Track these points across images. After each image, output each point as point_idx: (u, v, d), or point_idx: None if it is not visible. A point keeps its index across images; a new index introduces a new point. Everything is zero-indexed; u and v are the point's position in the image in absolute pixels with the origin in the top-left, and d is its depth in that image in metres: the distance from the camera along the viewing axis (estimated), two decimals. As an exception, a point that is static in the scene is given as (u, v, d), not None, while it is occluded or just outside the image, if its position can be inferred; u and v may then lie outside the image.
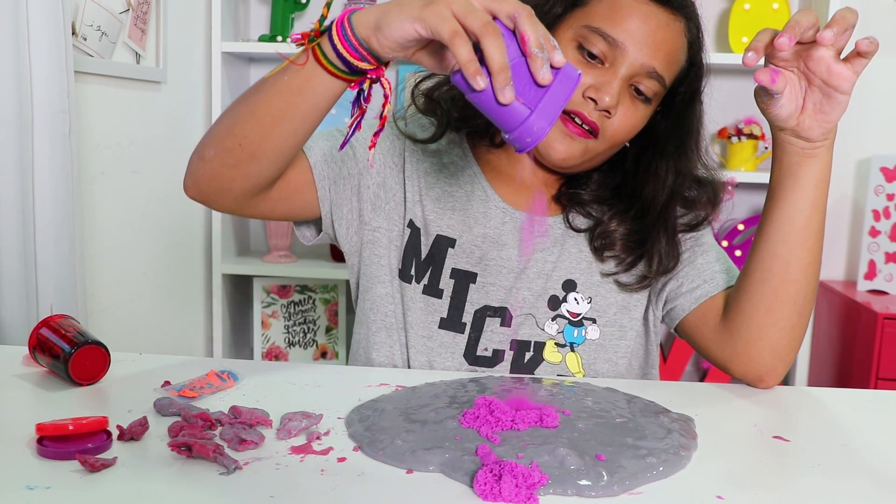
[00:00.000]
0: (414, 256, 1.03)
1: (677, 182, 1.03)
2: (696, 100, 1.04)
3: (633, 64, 0.95)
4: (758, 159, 2.27)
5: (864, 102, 2.32)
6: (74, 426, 0.67)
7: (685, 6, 0.99)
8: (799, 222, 0.90)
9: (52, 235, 1.54)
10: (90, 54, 1.79)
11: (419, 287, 1.02)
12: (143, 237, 2.08)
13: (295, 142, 0.86)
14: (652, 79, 0.96)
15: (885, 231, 2.21)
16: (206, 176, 0.90)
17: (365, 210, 1.03)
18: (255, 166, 0.87)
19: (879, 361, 2.00)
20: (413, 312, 1.02)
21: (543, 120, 0.70)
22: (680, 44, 0.98)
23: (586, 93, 0.95)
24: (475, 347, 1.01)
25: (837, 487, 0.65)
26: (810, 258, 0.91)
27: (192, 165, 0.91)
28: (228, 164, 0.87)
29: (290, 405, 0.79)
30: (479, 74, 0.68)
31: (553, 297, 1.01)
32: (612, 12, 0.95)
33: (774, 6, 2.18)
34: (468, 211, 1.04)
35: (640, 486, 0.63)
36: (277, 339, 2.46)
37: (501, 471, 0.61)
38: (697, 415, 0.79)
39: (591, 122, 0.95)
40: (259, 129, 0.84)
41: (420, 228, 1.03)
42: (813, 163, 0.88)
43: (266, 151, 0.85)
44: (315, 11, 2.40)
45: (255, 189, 0.90)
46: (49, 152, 1.52)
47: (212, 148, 0.88)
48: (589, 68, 0.95)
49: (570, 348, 1.01)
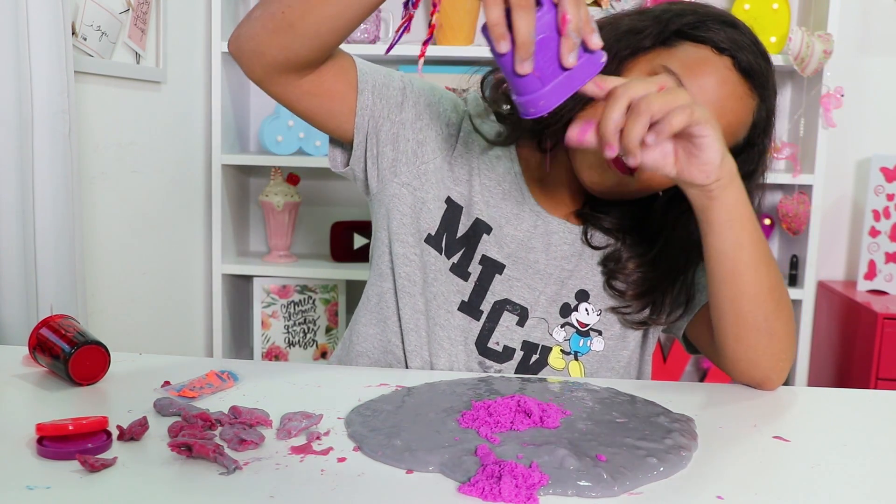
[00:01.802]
0: (446, 231, 1.02)
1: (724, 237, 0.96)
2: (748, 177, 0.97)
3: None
4: (758, 159, 2.27)
5: (864, 102, 2.32)
6: (74, 426, 0.67)
7: (765, 87, 0.96)
8: (728, 263, 0.86)
9: (52, 235, 1.54)
10: (90, 54, 1.79)
11: (448, 263, 1.01)
12: (143, 237, 2.08)
13: (334, 26, 0.86)
14: None
15: (885, 231, 2.21)
16: (246, 34, 0.91)
17: (399, 161, 1.01)
18: (290, 38, 0.87)
19: (879, 361, 2.00)
20: (440, 285, 1.01)
21: (554, 97, 0.72)
22: (745, 120, 0.95)
23: None
24: (487, 338, 1.01)
25: (837, 487, 0.65)
26: (756, 288, 0.87)
27: (241, 22, 0.92)
28: (268, 29, 0.88)
29: (290, 405, 0.79)
30: (503, 39, 0.70)
31: (565, 304, 1.01)
32: (694, 64, 0.93)
33: (774, 6, 2.18)
34: (503, 209, 1.03)
35: (640, 486, 0.63)
36: (277, 339, 2.46)
37: (501, 471, 0.61)
38: (697, 415, 0.79)
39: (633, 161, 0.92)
40: (304, 3, 0.85)
41: (462, 207, 1.02)
42: (716, 205, 0.83)
43: (305, 27, 0.86)
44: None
45: (286, 64, 0.90)
46: (49, 152, 1.52)
47: (260, 9, 0.89)
48: None
49: (573, 357, 1.01)
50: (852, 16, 2.28)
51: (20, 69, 1.46)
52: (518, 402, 0.75)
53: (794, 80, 2.32)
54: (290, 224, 2.41)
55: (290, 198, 2.38)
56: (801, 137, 2.27)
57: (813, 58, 2.05)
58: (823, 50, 2.05)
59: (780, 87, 2.37)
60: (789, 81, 2.37)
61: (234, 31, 0.93)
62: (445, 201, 1.02)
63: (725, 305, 0.89)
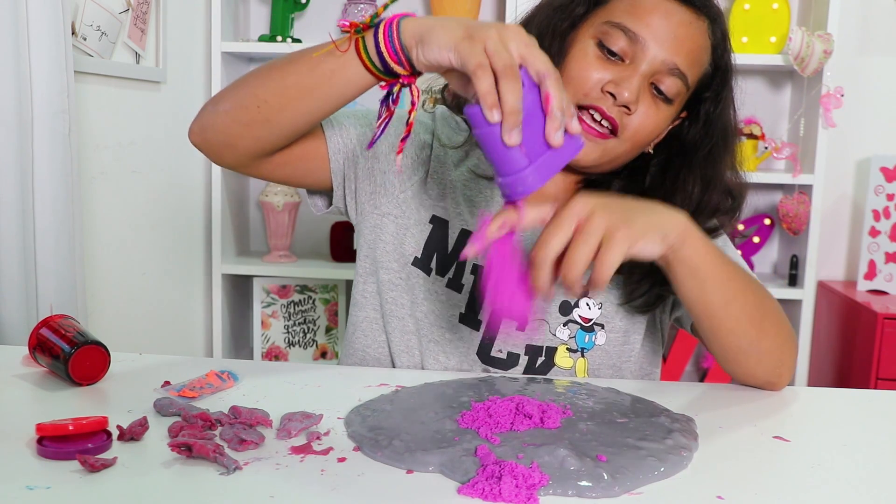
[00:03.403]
0: (436, 250, 1.02)
1: (705, 195, 1.00)
2: (725, 106, 1.01)
3: (654, 60, 0.94)
4: (758, 159, 2.27)
5: (864, 102, 2.32)
6: (74, 426, 0.67)
7: (708, 6, 0.97)
8: (699, 307, 0.85)
9: (52, 235, 1.54)
10: (90, 54, 1.79)
11: (443, 280, 1.01)
12: (143, 237, 2.08)
13: (310, 119, 0.87)
14: (673, 76, 0.95)
15: (885, 231, 2.21)
16: (215, 127, 0.91)
17: (378, 194, 1.03)
18: (266, 131, 0.88)
19: (879, 361, 2.00)
20: (431, 303, 1.01)
21: (539, 175, 0.71)
22: (703, 43, 0.96)
23: (605, 87, 0.93)
24: (490, 347, 1.00)
25: (837, 487, 0.65)
26: (734, 322, 0.86)
27: (204, 113, 0.92)
28: (241, 122, 0.88)
29: (290, 405, 0.79)
30: (495, 107, 0.69)
31: (564, 302, 1.01)
32: (634, 8, 0.94)
33: (774, 6, 2.18)
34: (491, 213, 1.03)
35: (640, 486, 0.63)
36: (277, 339, 2.46)
37: (501, 471, 0.61)
38: (698, 415, 0.79)
39: (609, 118, 0.94)
40: (281, 98, 0.85)
41: (448, 221, 1.03)
42: (676, 264, 0.81)
43: (281, 121, 0.87)
44: (315, 11, 2.40)
45: (260, 152, 0.91)
46: (49, 152, 1.52)
47: (229, 102, 0.89)
48: (609, 65, 0.94)
49: (580, 353, 1.01)
50: (852, 16, 2.28)
51: (20, 69, 1.46)
52: (517, 404, 0.75)
53: (794, 80, 2.32)
54: (290, 224, 2.41)
55: (290, 198, 2.38)
56: (801, 137, 2.27)
57: (813, 58, 2.05)
58: (823, 50, 2.05)
59: (781, 87, 2.38)
60: (789, 81, 2.37)
61: (195, 122, 0.92)
62: (430, 221, 1.03)
63: (708, 338, 0.89)
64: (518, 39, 0.72)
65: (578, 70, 0.95)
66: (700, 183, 1.00)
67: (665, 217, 0.79)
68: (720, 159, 1.02)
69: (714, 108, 1.01)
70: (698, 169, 1.00)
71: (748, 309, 0.87)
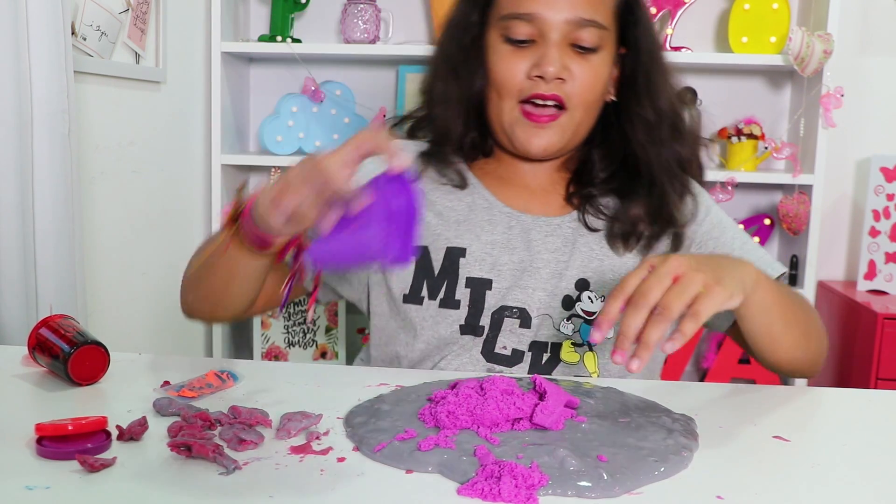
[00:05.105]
0: (425, 277, 1.03)
1: (660, 117, 1.03)
2: (643, 22, 1.03)
3: (559, 25, 0.96)
4: (758, 159, 2.27)
5: (864, 102, 2.31)
6: (74, 426, 0.67)
7: None
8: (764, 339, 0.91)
9: (52, 235, 1.54)
10: (90, 54, 1.79)
11: (434, 303, 1.01)
12: (143, 237, 2.08)
13: (252, 295, 0.95)
14: (585, 27, 0.97)
15: (885, 231, 2.21)
16: (193, 308, 1.02)
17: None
18: (224, 309, 0.98)
19: (879, 361, 2.00)
20: (430, 329, 1.02)
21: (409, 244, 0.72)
22: None
23: (530, 74, 0.97)
24: (493, 345, 1.00)
25: (837, 487, 0.65)
26: (790, 342, 0.93)
27: (181, 291, 1.03)
28: (205, 305, 0.99)
29: (290, 405, 0.79)
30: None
31: (567, 296, 1.01)
32: None
33: (774, 6, 2.18)
34: (473, 221, 1.04)
35: (640, 486, 0.63)
36: (277, 339, 2.46)
37: (501, 471, 0.61)
38: (698, 415, 0.79)
39: (549, 96, 0.97)
40: (216, 293, 0.95)
41: (426, 246, 1.03)
42: (746, 309, 0.84)
43: (228, 302, 0.96)
44: (315, 11, 2.40)
45: (241, 310, 0.98)
46: (49, 152, 1.52)
47: (190, 294, 1.01)
48: (524, 52, 0.98)
49: (587, 347, 1.01)
50: (852, 16, 2.28)
51: (20, 69, 1.46)
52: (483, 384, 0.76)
53: (794, 80, 2.32)
54: (289, 224, 2.41)
55: (289, 198, 2.37)
56: (801, 137, 2.26)
57: (813, 58, 2.05)
58: (823, 50, 2.05)
59: (781, 87, 2.38)
60: (789, 81, 2.37)
61: (181, 300, 1.03)
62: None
63: (765, 354, 0.95)
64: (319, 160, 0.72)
65: (501, 71, 0.99)
66: (651, 106, 1.03)
67: (743, 270, 0.82)
68: (658, 77, 1.04)
69: (635, 27, 1.03)
70: (643, 94, 1.03)
71: (801, 326, 0.94)
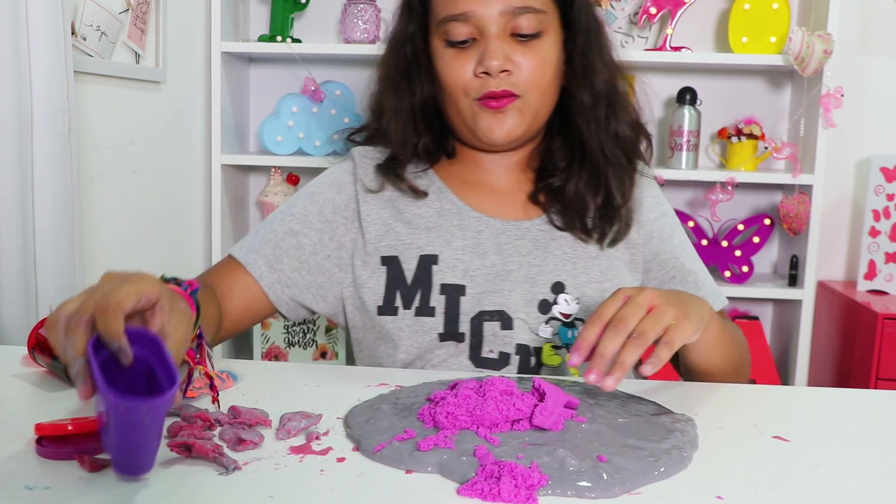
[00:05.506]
0: (398, 288, 1.02)
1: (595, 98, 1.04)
2: (579, 2, 1.04)
3: (494, 19, 0.97)
4: (758, 159, 2.27)
5: (864, 102, 2.31)
6: (74, 426, 0.67)
7: None
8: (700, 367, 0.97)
9: (51, 235, 1.54)
10: (90, 54, 1.79)
11: (410, 312, 1.01)
12: (143, 237, 2.08)
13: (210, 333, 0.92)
14: (522, 14, 0.98)
15: (885, 231, 2.21)
16: None
17: (333, 281, 1.06)
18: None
19: (879, 361, 2.00)
20: (408, 339, 1.01)
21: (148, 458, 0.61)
22: None
23: (477, 72, 0.98)
24: (479, 350, 1.00)
25: (837, 487, 0.65)
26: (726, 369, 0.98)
27: None
28: None
29: (290, 405, 0.79)
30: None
31: (543, 300, 1.01)
32: None
33: (774, 6, 2.18)
34: (443, 227, 1.04)
35: (640, 486, 0.63)
36: (277, 339, 2.46)
37: (501, 472, 0.61)
38: (697, 415, 0.79)
39: (502, 92, 0.98)
40: None
41: (397, 256, 1.03)
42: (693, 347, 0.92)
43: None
44: (315, 11, 2.40)
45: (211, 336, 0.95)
46: (48, 152, 1.52)
47: None
48: (468, 52, 0.99)
49: (567, 350, 1.00)
50: (852, 16, 2.28)
51: (20, 69, 1.46)
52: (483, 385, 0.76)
53: (794, 80, 2.32)
54: (289, 224, 2.41)
55: (289, 198, 2.38)
56: (801, 137, 2.26)
57: (813, 58, 2.05)
58: (823, 50, 2.05)
59: (781, 87, 2.38)
60: (789, 81, 2.37)
61: None
62: (381, 262, 1.04)
63: (697, 378, 0.99)
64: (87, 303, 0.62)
65: (449, 75, 1.01)
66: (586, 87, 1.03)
67: (701, 308, 0.87)
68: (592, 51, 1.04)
69: (571, 8, 1.04)
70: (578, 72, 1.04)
71: (735, 361, 1.00)
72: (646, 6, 2.25)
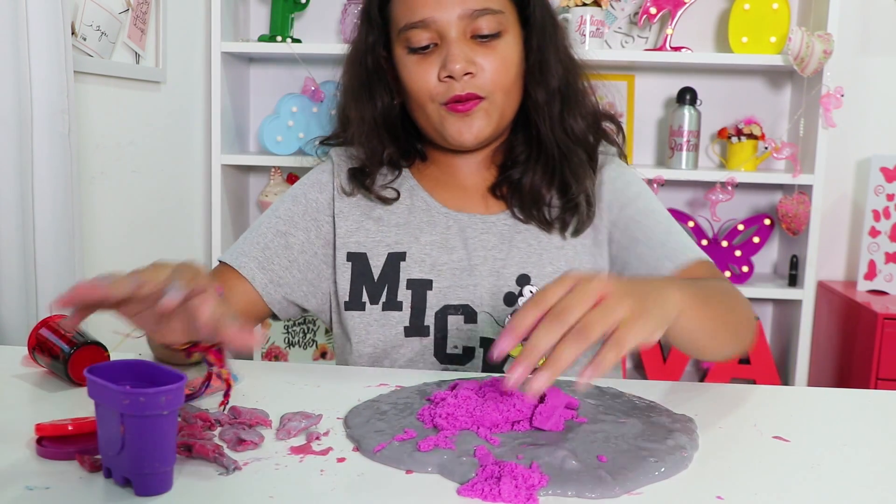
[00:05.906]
0: (364, 283, 1.04)
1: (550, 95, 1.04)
2: (535, 1, 1.04)
3: (451, 22, 0.98)
4: (758, 159, 2.27)
5: (864, 102, 2.31)
6: (74, 426, 0.67)
7: None
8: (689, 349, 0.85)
9: (51, 235, 1.54)
10: (90, 54, 1.79)
11: (377, 307, 1.03)
12: (143, 237, 2.08)
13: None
14: (481, 17, 0.98)
15: (885, 231, 2.21)
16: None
17: (321, 271, 1.07)
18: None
19: (879, 361, 2.00)
20: (373, 333, 1.03)
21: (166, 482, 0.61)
22: None
23: (441, 77, 0.99)
24: (444, 346, 1.01)
25: (837, 487, 0.65)
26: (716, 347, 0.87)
27: None
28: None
29: (290, 405, 0.79)
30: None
31: (508, 293, 1.02)
32: (403, 3, 1.00)
33: (774, 6, 2.18)
34: (412, 224, 1.06)
35: (640, 486, 0.63)
36: (277, 339, 2.46)
37: (501, 472, 0.61)
38: (697, 415, 0.79)
39: (467, 95, 0.98)
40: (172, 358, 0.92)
41: (365, 253, 1.05)
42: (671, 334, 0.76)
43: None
44: (315, 11, 2.40)
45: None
46: (48, 152, 1.52)
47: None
48: (430, 57, 1.00)
49: None
50: (852, 16, 2.28)
51: (20, 69, 1.46)
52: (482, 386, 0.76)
53: (794, 80, 2.32)
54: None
55: (289, 198, 2.38)
56: (801, 137, 2.26)
57: (813, 58, 2.05)
58: (823, 50, 2.05)
59: (781, 87, 2.38)
60: (789, 81, 2.36)
61: None
62: (346, 258, 1.05)
63: (693, 355, 0.90)
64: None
65: (413, 82, 1.01)
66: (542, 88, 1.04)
67: (668, 299, 0.73)
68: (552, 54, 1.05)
69: (527, 7, 1.04)
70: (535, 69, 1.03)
71: (730, 328, 0.88)
72: (646, 6, 2.25)
